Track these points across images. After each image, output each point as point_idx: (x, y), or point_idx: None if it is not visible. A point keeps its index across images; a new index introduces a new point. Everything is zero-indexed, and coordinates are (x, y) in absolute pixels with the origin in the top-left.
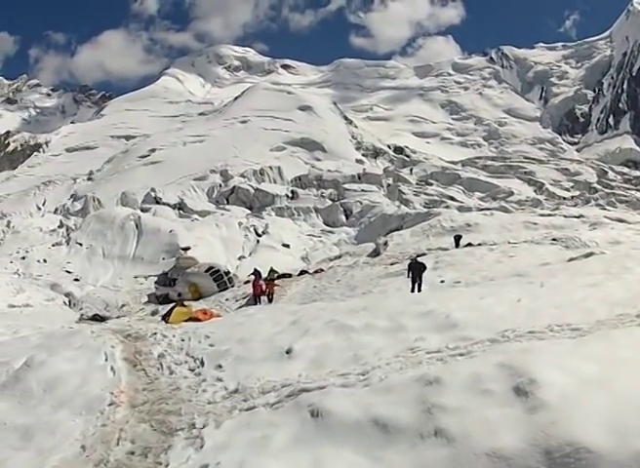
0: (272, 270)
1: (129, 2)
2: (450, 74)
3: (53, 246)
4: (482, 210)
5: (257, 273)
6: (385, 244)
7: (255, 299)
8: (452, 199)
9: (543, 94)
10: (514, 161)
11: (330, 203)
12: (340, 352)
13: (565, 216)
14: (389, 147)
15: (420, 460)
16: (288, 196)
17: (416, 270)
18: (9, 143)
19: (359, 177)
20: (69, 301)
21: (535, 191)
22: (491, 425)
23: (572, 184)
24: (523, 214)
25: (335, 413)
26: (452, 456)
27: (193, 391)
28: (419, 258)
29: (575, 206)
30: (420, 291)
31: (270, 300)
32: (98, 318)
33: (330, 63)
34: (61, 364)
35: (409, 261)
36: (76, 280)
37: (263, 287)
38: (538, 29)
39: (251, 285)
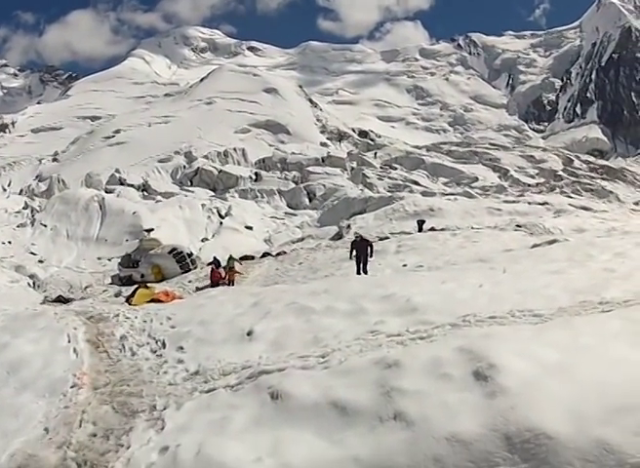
0: (231, 258)
1: None
2: (417, 59)
3: (17, 227)
4: (446, 195)
5: (215, 262)
6: (348, 227)
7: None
8: (416, 183)
9: (510, 81)
10: (479, 147)
11: (293, 185)
12: (301, 334)
13: (529, 203)
14: (354, 131)
15: (379, 443)
16: (251, 178)
17: (360, 249)
18: None
19: (323, 160)
20: (34, 283)
21: (499, 177)
22: (450, 409)
23: (537, 172)
24: (487, 199)
25: (294, 396)
26: (411, 440)
27: (155, 373)
28: (362, 236)
29: (539, 193)
30: (365, 272)
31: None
32: (62, 299)
33: (297, 46)
34: (25, 345)
35: (352, 239)
36: (40, 261)
37: (222, 274)
38: (507, 17)
39: (209, 273)
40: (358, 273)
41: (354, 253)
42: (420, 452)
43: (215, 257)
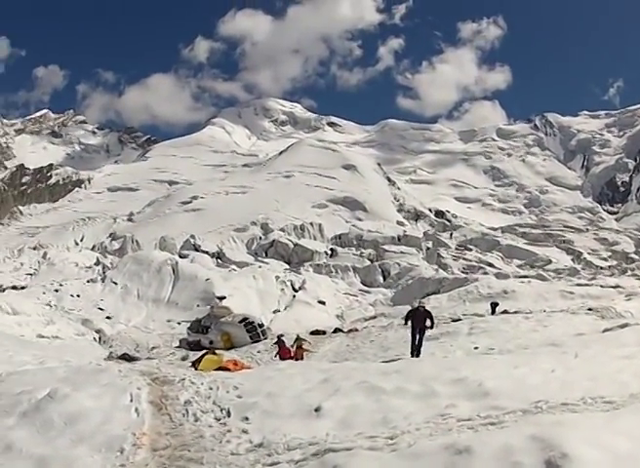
0: (299, 338)
1: (179, 48)
2: (494, 140)
3: (87, 282)
4: (520, 277)
5: (280, 341)
6: None
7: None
8: (490, 265)
9: (585, 162)
10: (554, 229)
11: (368, 263)
12: (370, 414)
13: (602, 286)
14: (430, 211)
15: None
16: (327, 253)
17: (417, 320)
18: (51, 176)
19: (399, 239)
20: (99, 338)
21: (572, 260)
22: None
23: (609, 254)
24: (560, 282)
25: None
26: None
27: (217, 441)
28: (424, 306)
29: (611, 275)
30: (418, 351)
31: None
32: (127, 357)
33: (376, 124)
34: (85, 399)
35: (409, 308)
36: (108, 318)
37: (292, 352)
38: (582, 96)
39: (277, 350)
40: (412, 351)
41: (409, 323)
42: None
43: (279, 336)
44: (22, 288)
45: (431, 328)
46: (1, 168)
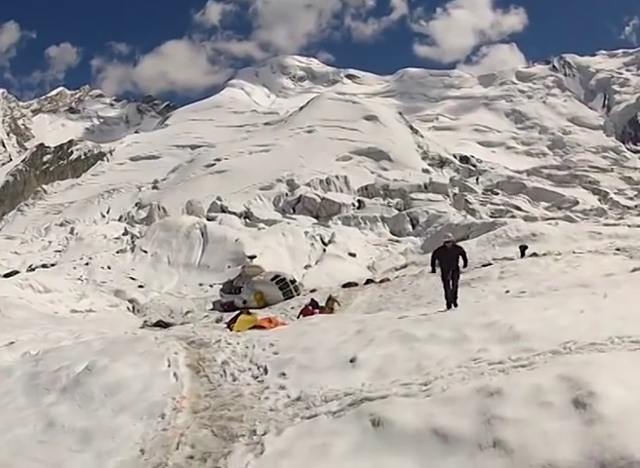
0: (330, 298)
1: (191, 13)
2: (514, 83)
3: (117, 253)
4: (547, 219)
5: (313, 303)
6: None
7: None
8: (517, 208)
9: (606, 101)
10: (579, 170)
11: (396, 212)
12: (404, 362)
13: (629, 226)
14: (455, 157)
15: None
16: (354, 205)
17: (448, 260)
18: (72, 152)
19: (425, 187)
20: (133, 307)
21: (599, 200)
22: (549, 437)
23: (635, 193)
24: (588, 223)
25: (396, 423)
26: (508, 467)
27: (256, 398)
28: (453, 241)
29: (638, 215)
30: (454, 300)
31: None
32: (161, 324)
33: (394, 73)
34: (124, 369)
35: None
36: (140, 287)
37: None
38: (599, 35)
39: (299, 311)
40: (448, 301)
41: (438, 265)
42: None
43: (312, 299)
44: (52, 265)
45: (464, 266)
46: (21, 149)
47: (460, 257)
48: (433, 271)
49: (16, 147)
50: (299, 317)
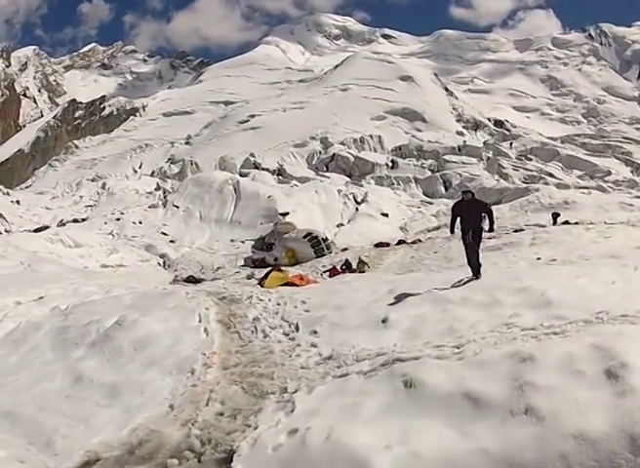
0: (361, 261)
1: None
2: (549, 49)
3: (149, 208)
4: (580, 188)
5: (347, 263)
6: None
7: None
8: (550, 175)
9: None
10: (612, 140)
11: (429, 174)
12: (436, 324)
13: None
14: (489, 120)
15: (509, 437)
16: (388, 165)
17: (467, 218)
18: (104, 107)
19: (459, 149)
20: (164, 262)
21: (631, 172)
22: (580, 407)
23: None
24: (620, 194)
25: (428, 385)
26: (539, 435)
27: (287, 355)
28: (474, 193)
29: None
30: (477, 267)
31: None
32: (192, 279)
33: (430, 34)
34: (154, 323)
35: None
36: (172, 242)
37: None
38: (636, 6)
39: (328, 270)
40: (473, 268)
41: (458, 224)
42: (548, 449)
43: (347, 259)
44: (83, 220)
45: (491, 229)
46: (52, 105)
47: (485, 215)
48: (452, 232)
49: (47, 103)
50: (325, 276)
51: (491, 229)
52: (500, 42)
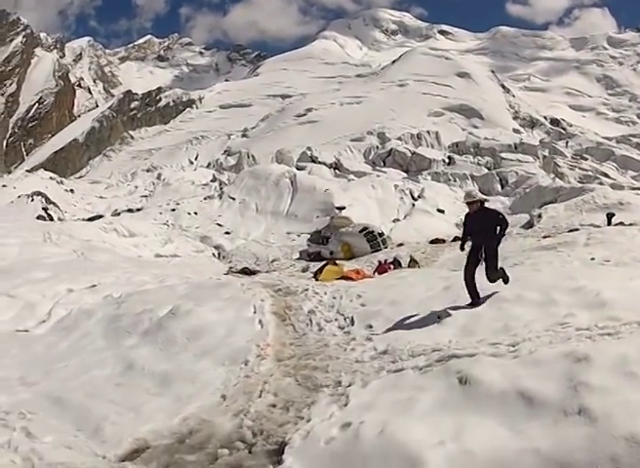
0: (412, 259)
1: None
2: (605, 48)
3: (205, 199)
4: (634, 189)
5: (396, 261)
6: (539, 216)
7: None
8: (605, 175)
9: None
10: None
11: (486, 171)
12: (491, 321)
13: None
14: (546, 119)
15: (561, 437)
16: (444, 161)
17: (478, 232)
18: (160, 99)
19: (515, 147)
20: (218, 254)
21: None
22: (632, 409)
23: None
24: None
25: (482, 382)
26: (591, 436)
27: (342, 349)
28: (486, 202)
29: None
30: (475, 294)
31: None
32: (247, 271)
33: (487, 31)
34: (208, 314)
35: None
36: (227, 233)
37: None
38: None
39: (376, 267)
40: (472, 296)
41: (468, 241)
42: (599, 450)
43: (395, 257)
44: (138, 210)
45: (501, 237)
46: (108, 96)
47: (497, 227)
48: (462, 248)
49: (102, 94)
50: (374, 273)
51: (499, 238)
52: (557, 40)
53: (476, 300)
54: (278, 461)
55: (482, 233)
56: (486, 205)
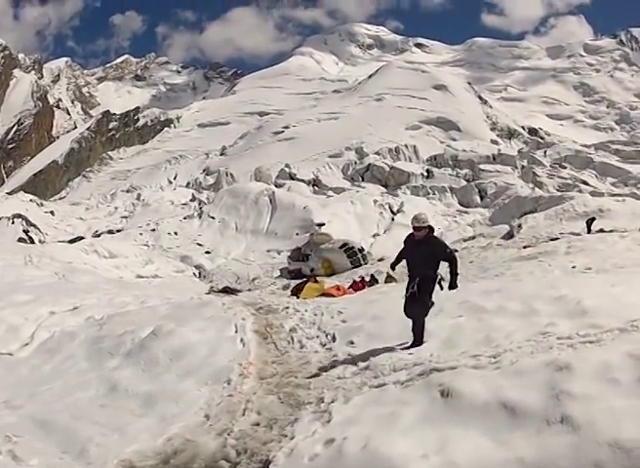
0: (389, 276)
1: None
2: (582, 55)
3: (184, 219)
4: (614, 195)
5: (373, 280)
6: (519, 226)
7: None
8: (584, 183)
9: None
10: None
11: (465, 183)
12: (473, 333)
13: None
14: (524, 128)
15: (545, 446)
16: (423, 175)
17: (413, 262)
18: (138, 119)
19: (494, 158)
20: (199, 273)
21: None
22: (615, 415)
23: None
24: None
25: (464, 394)
26: (575, 444)
27: (329, 365)
28: (428, 226)
29: None
30: (420, 331)
31: None
32: (228, 290)
33: (463, 43)
34: (190, 334)
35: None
36: (207, 252)
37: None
38: None
39: (350, 284)
40: (413, 330)
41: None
42: (583, 457)
43: (372, 275)
44: (118, 231)
45: (452, 286)
46: (86, 116)
47: (442, 261)
48: (392, 268)
49: (80, 114)
50: (348, 289)
51: (452, 286)
52: (533, 49)
53: (420, 342)
54: None
55: (421, 265)
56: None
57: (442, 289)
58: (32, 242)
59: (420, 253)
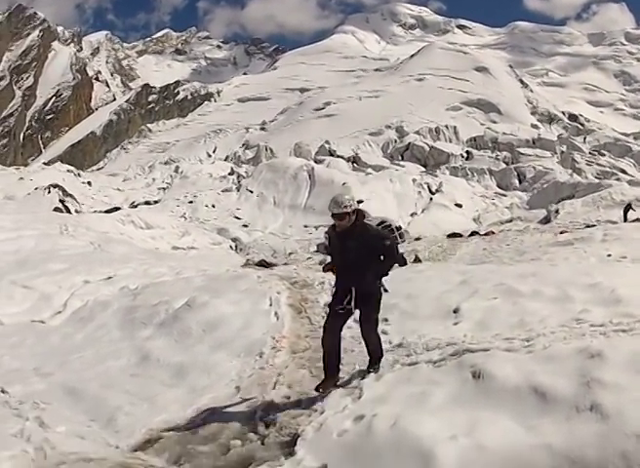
0: (417, 258)
1: None
2: (623, 44)
3: (222, 192)
4: None
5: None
6: (557, 212)
7: None
8: (623, 171)
9: None
10: None
11: (504, 166)
12: (507, 316)
13: None
14: (564, 114)
15: (573, 433)
16: (463, 156)
17: (345, 266)
18: (178, 92)
19: (533, 142)
20: (236, 246)
21: None
22: None
23: None
24: None
25: (496, 377)
26: (603, 433)
27: (356, 342)
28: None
29: None
30: (377, 354)
31: None
32: (264, 264)
33: (505, 26)
34: (224, 306)
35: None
36: (244, 226)
37: None
38: None
39: None
40: (326, 367)
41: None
42: (610, 447)
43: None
44: (156, 202)
45: (385, 272)
46: (125, 89)
47: (381, 255)
48: (325, 270)
49: (120, 87)
50: None
51: (385, 271)
52: (575, 35)
53: (332, 373)
54: (290, 453)
55: (352, 265)
56: (368, 220)
57: (386, 291)
58: (68, 212)
59: (349, 251)
